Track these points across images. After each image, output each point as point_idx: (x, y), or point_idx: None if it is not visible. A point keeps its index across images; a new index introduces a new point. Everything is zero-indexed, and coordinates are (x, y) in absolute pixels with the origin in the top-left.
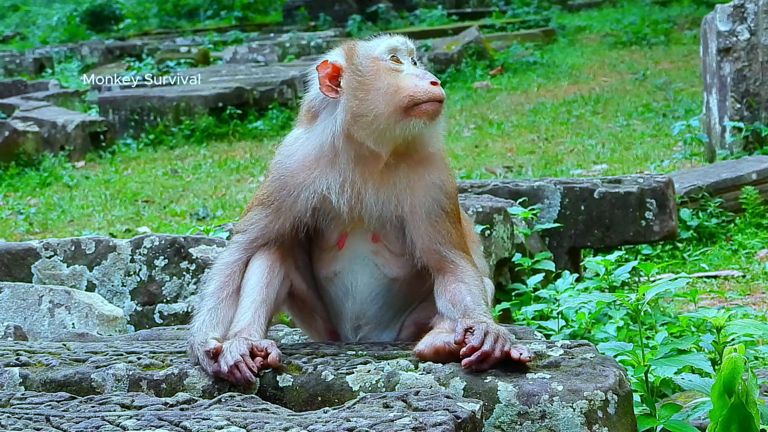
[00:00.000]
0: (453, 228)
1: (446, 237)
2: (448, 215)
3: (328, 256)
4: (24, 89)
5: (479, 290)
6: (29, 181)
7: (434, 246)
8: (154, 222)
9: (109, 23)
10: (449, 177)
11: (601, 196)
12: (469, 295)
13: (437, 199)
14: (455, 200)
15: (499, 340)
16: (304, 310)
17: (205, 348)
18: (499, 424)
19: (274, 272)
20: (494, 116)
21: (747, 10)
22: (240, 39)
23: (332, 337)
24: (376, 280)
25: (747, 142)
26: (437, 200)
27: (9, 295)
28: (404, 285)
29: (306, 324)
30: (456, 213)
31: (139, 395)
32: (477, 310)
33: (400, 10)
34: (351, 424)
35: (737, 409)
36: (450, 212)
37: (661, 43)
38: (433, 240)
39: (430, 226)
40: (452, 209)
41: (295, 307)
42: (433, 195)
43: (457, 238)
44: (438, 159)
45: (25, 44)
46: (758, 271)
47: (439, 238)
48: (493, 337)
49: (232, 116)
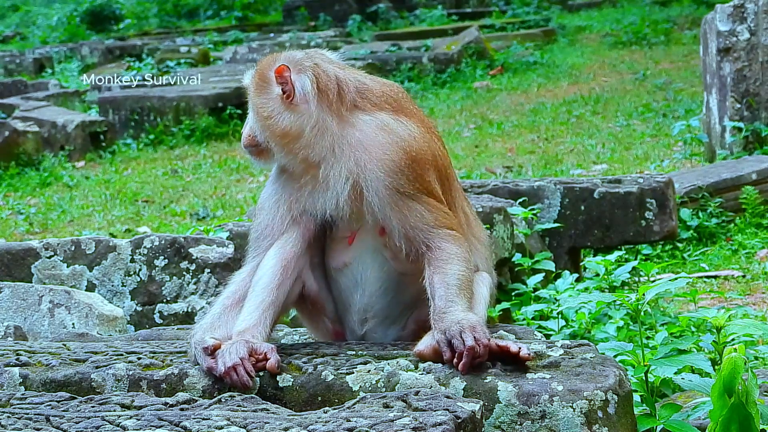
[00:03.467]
0: (419, 205)
1: (416, 217)
2: (407, 195)
3: (340, 247)
4: (24, 89)
5: (454, 276)
6: (29, 181)
7: (406, 230)
8: (154, 222)
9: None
10: (383, 155)
11: (601, 196)
12: (441, 286)
13: (382, 180)
14: (407, 174)
15: (476, 330)
16: (314, 311)
17: (202, 345)
18: (499, 424)
19: (287, 273)
20: (494, 116)
21: (747, 10)
22: (240, 39)
23: (339, 339)
24: (386, 273)
25: (747, 142)
26: (384, 182)
27: (9, 295)
28: (414, 280)
29: (313, 325)
30: (420, 188)
31: (139, 395)
32: (447, 307)
33: (400, 10)
34: (351, 424)
35: (737, 409)
36: (402, 190)
37: (661, 43)
38: (403, 223)
39: (390, 210)
40: (404, 185)
41: (305, 308)
42: (376, 178)
43: (430, 216)
44: (346, 148)
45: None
46: (758, 271)
47: (407, 220)
48: (469, 331)
49: (232, 116)
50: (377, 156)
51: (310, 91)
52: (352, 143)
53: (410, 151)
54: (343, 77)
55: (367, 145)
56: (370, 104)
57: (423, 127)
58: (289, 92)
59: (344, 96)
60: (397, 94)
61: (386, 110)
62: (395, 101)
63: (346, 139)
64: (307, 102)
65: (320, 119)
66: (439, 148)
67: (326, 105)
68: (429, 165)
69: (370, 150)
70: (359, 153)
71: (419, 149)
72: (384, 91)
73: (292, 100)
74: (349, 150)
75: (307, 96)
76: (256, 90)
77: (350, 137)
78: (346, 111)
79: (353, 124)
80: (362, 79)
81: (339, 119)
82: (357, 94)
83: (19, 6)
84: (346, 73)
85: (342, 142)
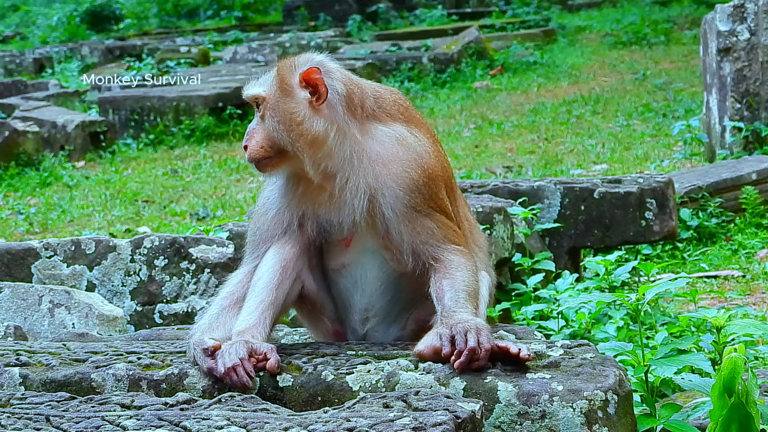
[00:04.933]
0: (432, 222)
1: (427, 233)
2: (422, 212)
3: (337, 249)
4: (24, 89)
5: (463, 283)
6: (29, 181)
7: (416, 245)
8: (154, 222)
9: (109, 23)
10: (403, 172)
11: (601, 196)
12: (451, 289)
13: (401, 198)
14: (424, 193)
15: (482, 333)
16: (313, 311)
17: (202, 346)
18: (499, 424)
19: (286, 273)
20: (494, 116)
21: (747, 10)
22: (240, 39)
23: (339, 339)
24: (385, 273)
25: (747, 142)
26: (402, 200)
27: (9, 295)
28: (412, 280)
29: (313, 325)
30: (434, 205)
31: (139, 395)
32: (456, 307)
33: (400, 10)
34: (351, 424)
35: (737, 409)
36: (419, 208)
37: (661, 43)
38: (414, 239)
39: (404, 227)
40: (420, 204)
41: (305, 308)
42: (395, 195)
43: (440, 233)
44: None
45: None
46: (758, 271)
47: (418, 236)
48: (474, 332)
49: (232, 116)
50: (397, 173)
51: (343, 95)
52: (371, 156)
53: (427, 169)
54: (362, 84)
55: (387, 161)
56: (385, 114)
57: (431, 139)
58: (320, 96)
59: (366, 104)
60: (405, 102)
61: (399, 121)
62: (406, 110)
63: (365, 150)
64: (333, 107)
65: (344, 126)
66: (445, 160)
67: (350, 112)
68: (441, 181)
69: (390, 166)
70: (378, 168)
71: (434, 166)
72: (395, 100)
73: (320, 104)
74: (368, 162)
75: (337, 101)
76: (281, 95)
77: (369, 149)
78: (366, 119)
79: (372, 135)
80: (375, 87)
81: (360, 127)
82: (375, 103)
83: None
84: (360, 80)
85: (361, 153)
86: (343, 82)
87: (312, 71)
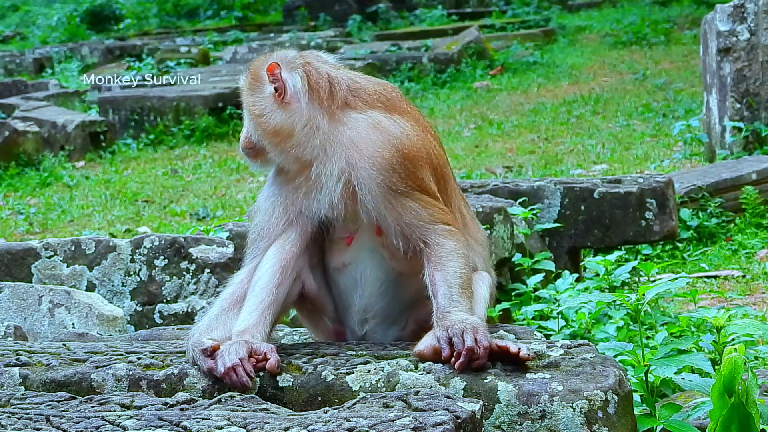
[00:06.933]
0: (413, 202)
1: (411, 214)
2: (400, 192)
3: (338, 248)
4: (24, 89)
5: (455, 274)
6: (29, 181)
7: (403, 227)
8: (154, 222)
9: (109, 23)
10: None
11: (601, 196)
12: (444, 285)
13: (374, 178)
14: (399, 172)
15: (478, 332)
16: (314, 311)
17: (200, 347)
18: (499, 424)
19: (286, 273)
20: (494, 116)
21: (747, 10)
22: (240, 39)
23: (339, 339)
24: (384, 273)
25: (747, 142)
26: (375, 180)
27: (9, 295)
28: (412, 280)
29: (313, 325)
30: (412, 185)
31: (139, 395)
32: (450, 307)
33: (400, 10)
34: (351, 424)
35: (737, 409)
36: (395, 188)
37: (661, 43)
38: (398, 220)
39: (384, 208)
40: (397, 183)
41: (305, 308)
42: (368, 176)
43: (425, 213)
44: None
45: (25, 44)
46: (758, 271)
47: (401, 217)
48: (470, 332)
49: (232, 116)
50: (368, 154)
51: (300, 88)
52: (343, 141)
53: (402, 149)
54: (335, 75)
55: (358, 143)
56: (361, 102)
57: (417, 125)
58: (281, 90)
59: (335, 94)
60: (391, 93)
61: (378, 108)
62: (388, 100)
63: (337, 137)
64: (299, 100)
65: (311, 117)
66: (434, 147)
67: (317, 103)
68: (423, 162)
69: (361, 148)
70: (350, 151)
71: (412, 146)
72: (377, 89)
73: (284, 98)
74: (340, 148)
75: (298, 94)
76: (250, 89)
77: (341, 135)
78: (338, 109)
79: (345, 123)
80: (355, 78)
81: (330, 117)
82: (349, 93)
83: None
84: (338, 72)
85: (333, 141)
86: (307, 74)
87: (272, 66)
